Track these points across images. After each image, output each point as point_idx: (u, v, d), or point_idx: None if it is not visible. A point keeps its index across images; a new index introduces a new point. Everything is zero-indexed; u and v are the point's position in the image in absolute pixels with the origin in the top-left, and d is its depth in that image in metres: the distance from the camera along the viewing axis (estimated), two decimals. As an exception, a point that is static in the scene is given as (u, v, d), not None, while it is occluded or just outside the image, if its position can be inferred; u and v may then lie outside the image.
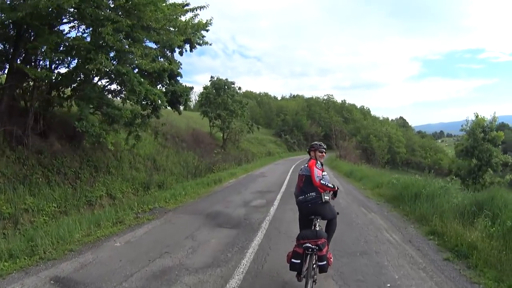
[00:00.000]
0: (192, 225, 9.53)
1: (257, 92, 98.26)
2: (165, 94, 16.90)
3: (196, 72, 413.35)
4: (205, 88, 39.60)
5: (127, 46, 12.51)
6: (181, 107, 21.28)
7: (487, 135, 30.69)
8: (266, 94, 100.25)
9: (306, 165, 5.80)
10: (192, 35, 15.13)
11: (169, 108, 21.43)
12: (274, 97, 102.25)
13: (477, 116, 31.79)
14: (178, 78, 19.74)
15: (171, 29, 13.93)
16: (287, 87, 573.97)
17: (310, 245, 5.07)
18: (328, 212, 5.65)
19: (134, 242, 8.14)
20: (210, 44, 18.28)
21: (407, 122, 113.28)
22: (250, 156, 41.26)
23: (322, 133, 78.57)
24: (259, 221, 9.89)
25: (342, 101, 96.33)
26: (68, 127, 15.37)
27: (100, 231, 9.04)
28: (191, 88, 20.41)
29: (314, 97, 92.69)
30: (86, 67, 11.41)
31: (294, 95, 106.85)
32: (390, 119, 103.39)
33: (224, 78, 39.94)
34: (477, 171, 30.51)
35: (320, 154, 5.95)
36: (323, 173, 5.66)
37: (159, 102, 15.30)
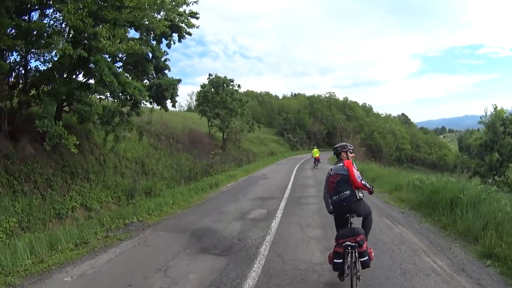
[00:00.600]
0: (171, 249, 7.29)
1: (258, 92, 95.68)
2: (149, 89, 14.66)
3: (197, 74, 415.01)
4: (203, 86, 37.46)
5: (99, 27, 10.29)
6: (169, 103, 18.74)
7: (508, 128, 28.17)
8: (267, 93, 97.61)
9: (341, 165, 5.50)
10: (172, 13, 12.78)
11: (157, 106, 18.94)
12: (276, 96, 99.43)
13: (495, 108, 29.39)
14: (166, 71, 17.36)
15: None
16: (288, 87, 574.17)
17: (350, 243, 4.99)
18: (362, 209, 5.46)
19: (89, 276, 6.02)
20: (197, 27, 16.11)
21: (409, 119, 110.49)
22: (252, 156, 39.04)
23: (325, 131, 76.39)
24: (257, 243, 7.56)
25: (344, 98, 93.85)
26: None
27: (56, 256, 7.02)
28: (179, 80, 17.78)
29: (316, 95, 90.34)
30: (39, 50, 9.20)
31: (295, 94, 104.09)
32: (392, 116, 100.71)
33: (223, 76, 37.92)
34: (499, 167, 28.02)
35: (351, 154, 5.79)
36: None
37: (139, 97, 13.00)
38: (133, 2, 10.63)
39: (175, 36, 16.44)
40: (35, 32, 10.46)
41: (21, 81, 13.06)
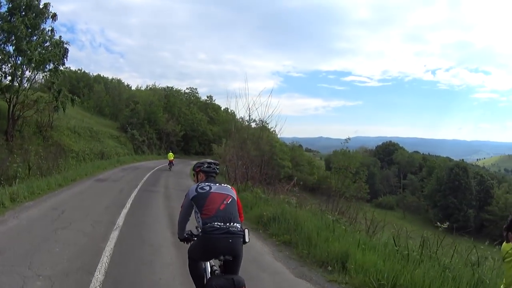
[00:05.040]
0: None
1: (109, 78, 72.57)
2: None
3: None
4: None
5: None
6: None
7: None
8: (118, 80, 74.31)
9: (226, 185, 4.03)
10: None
11: None
12: (128, 85, 75.17)
13: None
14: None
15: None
16: (144, 86, 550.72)
17: None
18: (242, 254, 3.75)
19: None
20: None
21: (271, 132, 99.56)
22: (53, 159, 20.25)
23: (181, 133, 59.60)
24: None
25: (208, 97, 78.24)
26: None
27: None
28: None
29: (174, 88, 71.35)
30: None
31: (150, 87, 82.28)
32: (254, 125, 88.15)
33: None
34: None
35: None
36: None
37: None
38: None
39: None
40: None
41: None
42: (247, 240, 3.72)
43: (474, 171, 70.50)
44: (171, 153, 32.89)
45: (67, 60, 21.92)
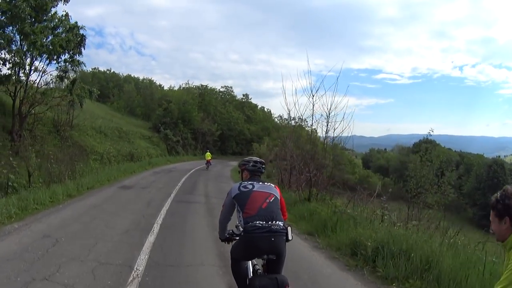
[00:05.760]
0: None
1: (140, 78, 69.81)
2: None
3: (92, 64, 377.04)
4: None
5: None
6: None
7: None
8: (150, 80, 71.11)
9: (269, 184, 3.75)
10: None
11: None
12: (160, 85, 70.25)
13: None
14: None
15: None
16: (177, 87, 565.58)
17: None
18: (285, 252, 3.51)
19: None
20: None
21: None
22: (68, 162, 16.18)
23: (218, 132, 55.60)
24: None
25: (243, 95, 73.91)
26: None
27: None
28: None
29: (209, 87, 66.57)
30: None
31: (184, 87, 78.06)
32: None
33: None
34: None
35: None
36: None
37: None
38: None
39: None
40: None
41: None
42: (290, 238, 3.46)
43: (508, 168, 65.62)
44: (208, 153, 33.17)
45: (84, 48, 18.18)
